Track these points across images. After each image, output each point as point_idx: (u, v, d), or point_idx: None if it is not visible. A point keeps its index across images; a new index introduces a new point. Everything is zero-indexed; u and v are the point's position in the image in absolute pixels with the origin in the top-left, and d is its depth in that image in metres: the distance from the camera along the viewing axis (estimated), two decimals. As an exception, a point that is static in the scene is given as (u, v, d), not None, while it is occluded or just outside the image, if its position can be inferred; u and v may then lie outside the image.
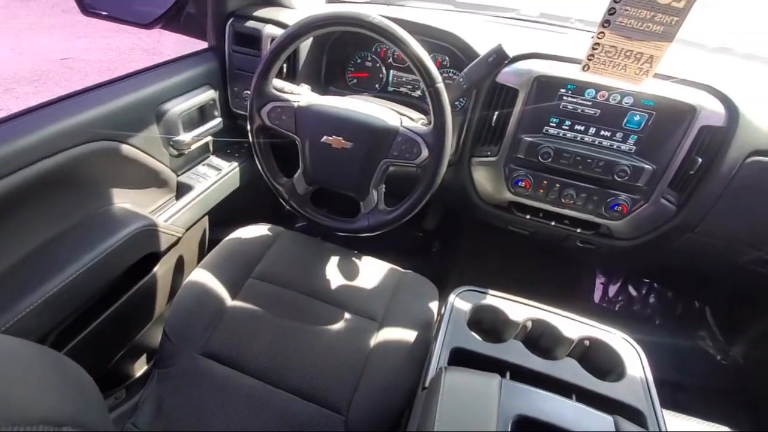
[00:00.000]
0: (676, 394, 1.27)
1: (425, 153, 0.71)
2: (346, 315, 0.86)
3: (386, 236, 1.66)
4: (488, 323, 0.79)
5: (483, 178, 0.96)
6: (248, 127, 0.81)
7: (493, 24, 1.07)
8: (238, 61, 1.02)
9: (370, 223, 0.79)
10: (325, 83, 1.06)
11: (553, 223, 0.95)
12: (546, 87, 0.82)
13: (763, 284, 1.04)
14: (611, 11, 0.70)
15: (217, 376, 0.77)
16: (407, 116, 0.81)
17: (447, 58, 1.00)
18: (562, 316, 0.76)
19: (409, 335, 0.83)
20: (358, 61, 1.08)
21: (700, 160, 0.79)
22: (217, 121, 1.05)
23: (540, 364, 0.68)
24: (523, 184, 0.89)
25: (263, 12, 1.03)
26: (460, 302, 0.77)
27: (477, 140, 0.94)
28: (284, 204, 0.88)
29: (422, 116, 0.88)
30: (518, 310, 0.76)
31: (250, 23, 1.00)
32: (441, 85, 0.67)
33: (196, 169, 1.07)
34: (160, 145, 0.93)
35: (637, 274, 1.50)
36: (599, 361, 0.73)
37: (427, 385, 0.61)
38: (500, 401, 0.55)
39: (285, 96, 0.78)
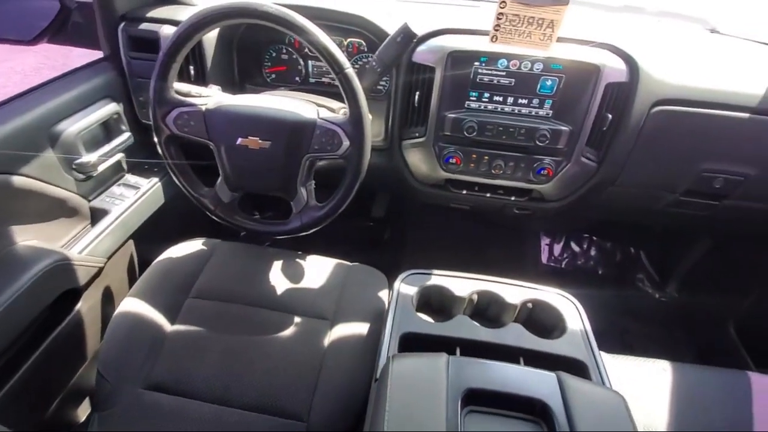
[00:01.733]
0: (624, 337, 1.37)
1: (346, 143, 0.69)
2: (296, 319, 0.83)
3: (337, 230, 1.63)
4: (437, 303, 0.80)
5: (416, 159, 0.95)
6: (155, 139, 0.75)
7: (405, 3, 1.06)
8: (139, 68, 0.94)
9: (303, 222, 0.77)
10: (240, 82, 1.01)
11: (488, 195, 0.97)
12: (460, 61, 0.82)
13: (683, 222, 1.13)
14: (509, -20, 0.70)
15: (165, 408, 0.72)
16: (326, 107, 0.78)
17: (363, 43, 0.98)
18: (505, 283, 0.78)
19: (361, 328, 0.81)
20: (273, 54, 1.03)
21: (610, 116, 0.83)
22: (125, 137, 0.96)
23: (487, 334, 0.69)
24: (453, 160, 0.90)
25: (159, 12, 0.95)
26: (406, 287, 0.76)
27: (404, 123, 0.93)
28: (210, 215, 0.82)
29: (344, 105, 0.86)
30: (463, 285, 0.77)
31: (145, 25, 0.92)
32: (350, 71, 0.65)
33: (110, 191, 0.98)
34: (60, 170, 0.84)
35: (577, 231, 1.59)
36: (543, 320, 0.76)
37: (378, 376, 0.61)
38: (448, 379, 0.55)
39: (190, 100, 0.73)
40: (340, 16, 0.87)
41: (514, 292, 0.76)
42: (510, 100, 0.85)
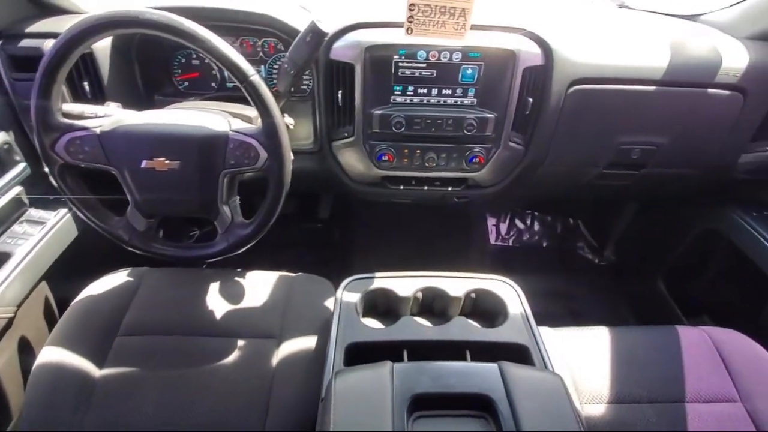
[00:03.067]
0: (570, 304, 1.44)
1: (264, 155, 0.65)
2: (240, 342, 0.79)
3: (284, 236, 1.57)
4: (383, 306, 0.79)
5: (349, 159, 0.93)
6: (47, 169, 0.67)
7: None
8: (25, 91, 0.83)
9: (230, 243, 0.72)
10: (147, 94, 0.92)
11: (426, 188, 0.96)
12: (379, 56, 0.80)
13: (609, 192, 1.19)
14: (416, -30, 0.68)
15: (102, 462, 0.66)
16: (243, 116, 0.73)
17: (280, 43, 0.92)
18: (448, 276, 0.79)
19: (309, 343, 0.79)
20: (182, 60, 0.95)
21: (531, 100, 0.85)
22: (20, 168, 0.85)
23: (432, 332, 0.69)
24: (386, 157, 0.88)
25: (42, 25, 0.84)
26: (349, 295, 0.74)
27: (331, 123, 0.89)
28: (126, 247, 0.75)
29: None
30: (407, 284, 0.76)
31: (26, 42, 0.81)
32: (255, 78, 0.61)
33: (11, 230, 0.87)
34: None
35: (519, 209, 1.64)
36: (488, 308, 0.77)
37: (323, 396, 0.59)
38: (393, 388, 0.54)
39: (82, 123, 0.65)
40: (246, 17, 0.81)
41: (457, 284, 0.77)
42: (434, 91, 0.84)
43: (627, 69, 0.85)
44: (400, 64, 0.81)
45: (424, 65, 0.81)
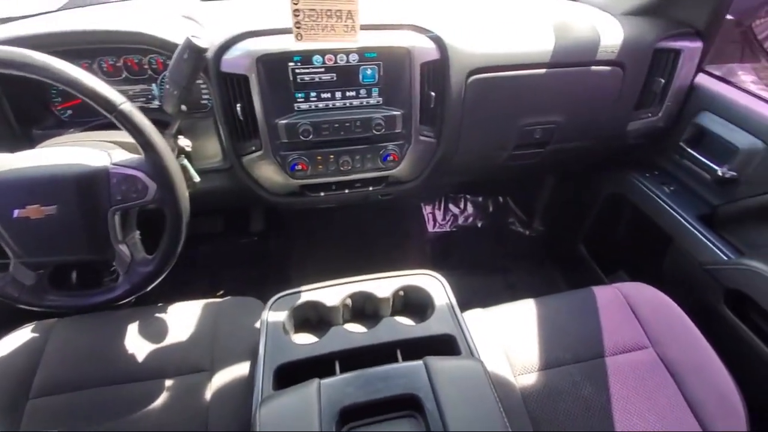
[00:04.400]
0: (507, 278, 1.52)
1: (152, 185, 0.60)
2: (169, 382, 0.75)
3: (218, 256, 1.50)
4: (314, 318, 0.78)
5: (262, 173, 0.90)
6: None
7: (212, 2, 0.95)
8: None
9: (134, 284, 0.67)
10: (23, 130, 0.82)
11: (347, 191, 0.96)
12: (273, 65, 0.77)
13: (523, 170, 1.25)
14: (292, -25, 0.66)
15: None
16: (130, 144, 0.68)
17: (168, 59, 0.86)
18: (376, 278, 0.79)
19: (243, 370, 0.76)
20: (61, 87, 0.86)
21: (433, 94, 0.86)
22: None
23: (362, 338, 0.69)
24: (299, 166, 0.86)
25: None
26: (275, 314, 0.73)
27: (237, 138, 0.86)
28: (17, 305, 0.67)
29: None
30: (335, 293, 0.76)
31: None
32: (125, 106, 0.56)
33: None
34: None
35: (452, 194, 1.69)
36: (417, 304, 0.78)
37: (251, 426, 0.57)
38: (321, 405, 0.54)
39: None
40: (117, 37, 0.75)
41: (385, 284, 0.78)
42: (338, 95, 0.83)
43: (518, 55, 0.89)
44: (297, 70, 0.79)
45: (323, 70, 0.80)
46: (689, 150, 1.01)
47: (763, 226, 0.91)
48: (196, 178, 0.77)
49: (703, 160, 0.97)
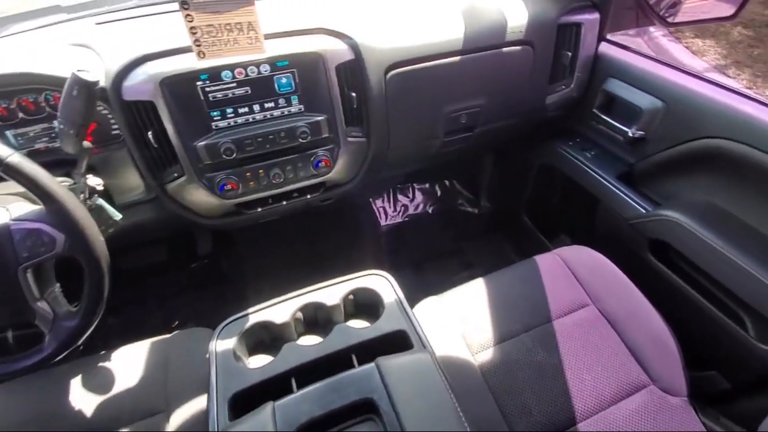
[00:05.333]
0: (462, 258, 1.57)
1: (59, 235, 0.56)
2: (124, 430, 0.71)
3: (170, 286, 1.43)
4: (268, 339, 0.76)
5: (191, 198, 0.86)
6: None
7: (106, 26, 0.88)
8: None
9: (61, 341, 0.62)
10: None
11: (285, 203, 0.94)
12: (180, 86, 0.74)
13: (462, 153, 1.29)
14: (181, -9, 0.63)
15: None
16: (23, 196, 0.62)
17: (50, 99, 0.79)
18: (324, 286, 0.79)
19: (199, 404, 0.74)
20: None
21: (354, 94, 0.86)
22: None
23: (315, 350, 0.69)
24: (229, 186, 0.84)
25: None
26: (224, 342, 0.71)
27: (156, 166, 0.82)
28: None
29: (65, 179, 0.70)
30: (284, 309, 0.75)
31: None
32: (13, 159, 0.51)
33: None
34: None
35: (399, 185, 1.71)
36: (368, 305, 0.79)
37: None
38: (277, 428, 0.54)
39: None
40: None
41: (333, 291, 0.78)
42: (256, 107, 0.81)
43: (432, 46, 0.91)
44: (208, 89, 0.76)
45: (235, 84, 0.77)
46: (602, 116, 1.08)
47: (671, 178, 1.00)
48: (117, 216, 0.73)
49: (615, 123, 1.05)
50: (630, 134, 1.00)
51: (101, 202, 0.69)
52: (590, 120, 1.13)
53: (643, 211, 0.99)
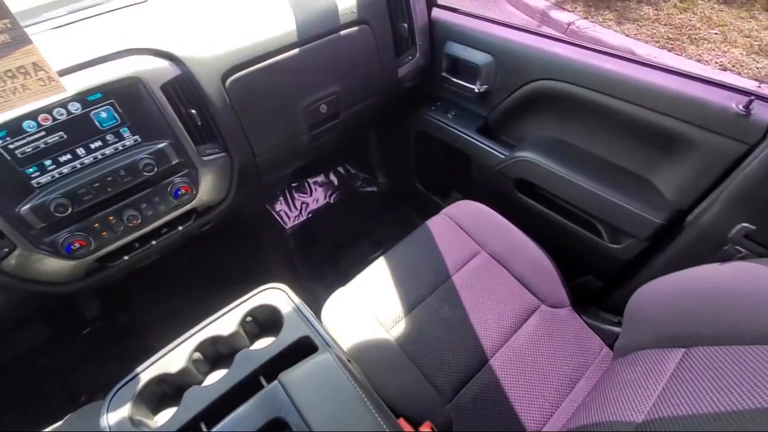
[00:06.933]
0: (372, 238, 1.61)
1: None
2: None
3: (60, 364, 1.27)
4: (171, 389, 0.72)
5: (35, 270, 0.75)
6: None
7: None
8: None
9: None
10: None
11: (154, 242, 0.87)
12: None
13: (340, 139, 1.29)
14: None
15: None
16: None
17: None
18: (218, 317, 0.75)
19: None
20: None
21: (194, 111, 0.81)
22: None
23: (220, 385, 0.66)
24: (77, 244, 0.74)
25: None
26: (116, 413, 0.65)
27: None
28: None
29: None
30: (177, 354, 0.70)
31: None
32: None
33: None
34: None
35: (293, 184, 1.67)
36: (269, 322, 0.77)
37: None
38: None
39: None
40: None
41: (228, 319, 0.75)
42: (81, 151, 0.72)
43: (266, 43, 0.87)
44: (11, 146, 0.65)
45: (43, 133, 0.67)
46: (450, 77, 1.15)
47: (518, 122, 1.11)
48: None
49: (462, 83, 1.12)
50: (476, 90, 1.08)
51: None
52: (443, 83, 1.19)
53: (503, 156, 1.09)
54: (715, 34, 3.00)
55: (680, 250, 0.84)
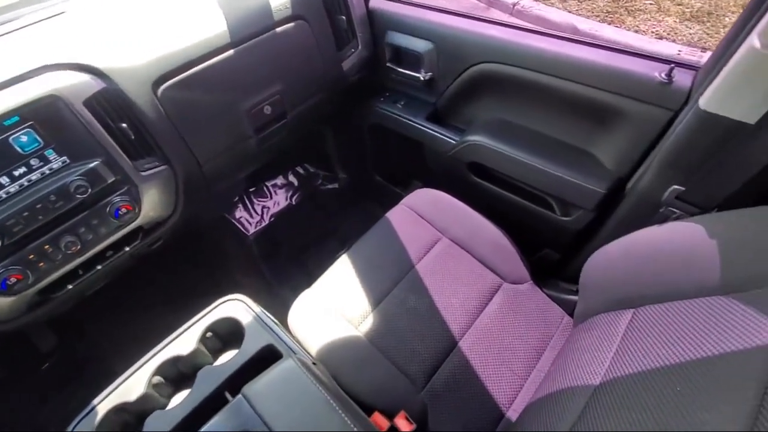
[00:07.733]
0: (338, 236, 1.59)
1: None
2: None
3: (21, 407, 1.19)
4: (132, 418, 0.69)
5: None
6: None
7: None
8: None
9: None
10: None
11: (100, 267, 0.82)
12: None
13: (292, 140, 1.26)
14: None
15: None
16: None
17: None
18: (177, 336, 0.73)
19: None
20: None
21: (124, 125, 0.76)
22: None
23: (183, 406, 0.64)
24: (12, 279, 0.69)
25: None
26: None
27: None
28: None
29: None
30: (136, 380, 0.68)
31: None
32: None
33: None
34: None
35: (250, 189, 1.63)
36: (231, 335, 0.76)
37: None
38: None
39: None
40: None
41: (187, 337, 0.72)
42: (5, 180, 0.67)
43: (196, 47, 0.83)
44: None
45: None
46: (395, 67, 1.15)
47: (465, 106, 1.12)
48: None
49: (407, 72, 1.12)
50: (422, 78, 1.08)
51: None
52: (390, 74, 1.19)
53: (454, 142, 1.10)
54: (650, 4, 3.14)
55: (623, 216, 0.88)
